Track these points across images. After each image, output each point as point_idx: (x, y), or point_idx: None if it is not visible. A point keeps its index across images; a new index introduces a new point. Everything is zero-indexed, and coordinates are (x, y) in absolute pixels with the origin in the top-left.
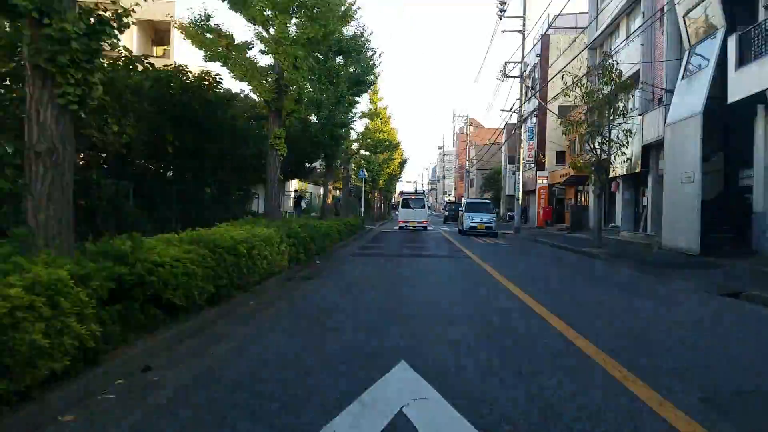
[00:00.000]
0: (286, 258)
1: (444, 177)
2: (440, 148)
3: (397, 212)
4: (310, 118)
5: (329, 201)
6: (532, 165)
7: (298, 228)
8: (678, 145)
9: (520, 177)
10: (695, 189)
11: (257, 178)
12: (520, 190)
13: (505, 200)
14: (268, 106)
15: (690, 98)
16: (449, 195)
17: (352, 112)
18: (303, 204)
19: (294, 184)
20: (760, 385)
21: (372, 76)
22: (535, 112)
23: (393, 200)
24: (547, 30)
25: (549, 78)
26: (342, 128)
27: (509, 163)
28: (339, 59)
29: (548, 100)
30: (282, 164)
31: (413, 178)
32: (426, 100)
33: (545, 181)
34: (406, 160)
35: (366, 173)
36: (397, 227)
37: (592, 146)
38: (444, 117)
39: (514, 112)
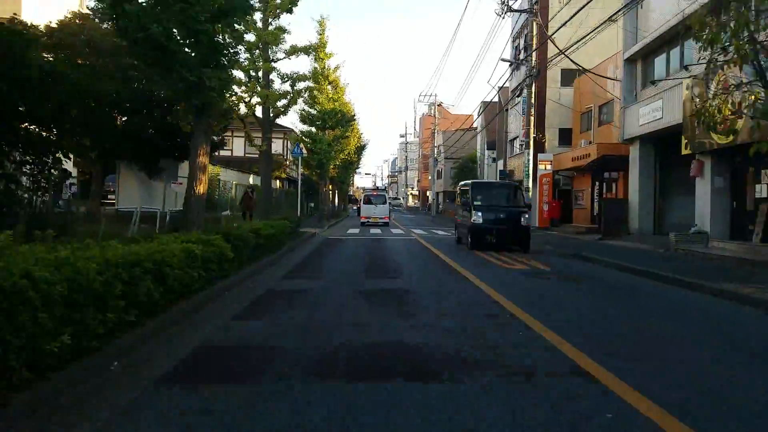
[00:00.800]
0: None
1: (407, 168)
2: (402, 137)
3: (354, 208)
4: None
5: (200, 189)
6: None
7: None
8: None
9: (530, 157)
10: None
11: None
12: (530, 176)
13: None
14: None
15: None
16: (413, 188)
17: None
18: None
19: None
20: None
21: None
22: (533, 74)
23: (350, 194)
24: None
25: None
26: (218, 22)
27: (488, 149)
28: None
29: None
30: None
31: (372, 171)
32: (385, 86)
33: (548, 167)
34: (364, 145)
35: (304, 151)
36: (356, 230)
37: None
38: (406, 105)
39: (521, 62)
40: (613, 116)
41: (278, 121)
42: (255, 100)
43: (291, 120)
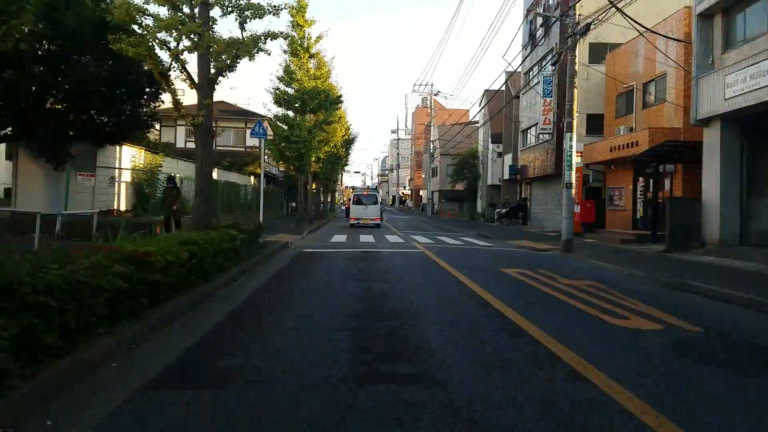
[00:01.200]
0: None
1: (398, 166)
2: (394, 132)
3: (343, 208)
4: None
5: None
6: (547, 136)
7: None
8: None
9: (573, 142)
10: None
11: None
12: (573, 167)
13: (486, 192)
14: None
15: None
16: (404, 187)
17: None
18: None
19: (126, 157)
20: None
21: None
22: (579, 31)
23: (338, 192)
24: None
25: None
26: None
27: (493, 142)
28: None
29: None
30: None
31: (361, 170)
32: (374, 82)
33: (578, 160)
34: (353, 139)
35: (269, 130)
36: (342, 237)
37: None
38: (396, 102)
39: (561, 16)
40: (668, 94)
41: (253, 108)
42: (185, 43)
43: (264, 100)
